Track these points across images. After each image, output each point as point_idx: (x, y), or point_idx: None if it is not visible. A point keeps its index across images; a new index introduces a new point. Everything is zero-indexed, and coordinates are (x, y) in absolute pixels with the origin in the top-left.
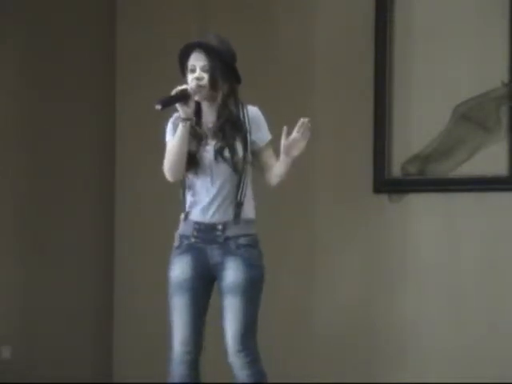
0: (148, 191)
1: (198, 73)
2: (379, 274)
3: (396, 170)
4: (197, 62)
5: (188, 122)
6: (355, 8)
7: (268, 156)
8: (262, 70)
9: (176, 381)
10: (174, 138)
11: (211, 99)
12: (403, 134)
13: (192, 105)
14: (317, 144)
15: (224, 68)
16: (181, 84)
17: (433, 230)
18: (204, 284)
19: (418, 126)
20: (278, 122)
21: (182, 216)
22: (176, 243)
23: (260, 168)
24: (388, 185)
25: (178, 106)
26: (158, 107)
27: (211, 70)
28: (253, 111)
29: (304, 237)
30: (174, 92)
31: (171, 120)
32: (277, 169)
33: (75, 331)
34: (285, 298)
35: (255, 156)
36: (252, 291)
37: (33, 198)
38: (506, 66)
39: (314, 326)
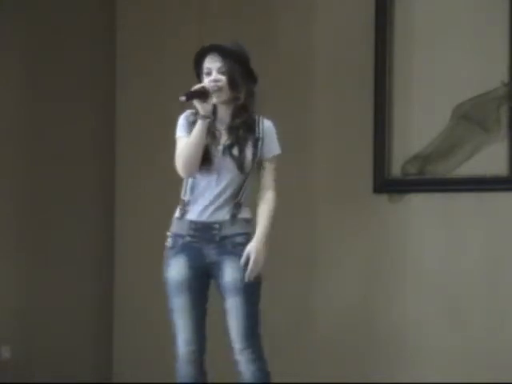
0: (148, 191)
1: (214, 75)
2: (379, 274)
3: (396, 170)
4: (212, 64)
5: (207, 120)
6: (355, 8)
7: (267, 171)
8: (262, 70)
9: (184, 381)
10: (191, 134)
11: (228, 101)
12: (403, 134)
13: (211, 102)
14: (317, 144)
15: (240, 69)
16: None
17: (433, 230)
18: (201, 283)
19: (418, 126)
20: (278, 123)
21: (177, 214)
22: (170, 243)
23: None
24: (388, 185)
25: (197, 103)
26: (183, 99)
27: (229, 71)
28: (268, 124)
29: (304, 237)
30: (193, 88)
31: (183, 116)
32: (259, 214)
33: (75, 331)
34: (285, 297)
35: (259, 165)
36: (252, 289)
37: (33, 198)
38: (506, 66)
39: (314, 325)
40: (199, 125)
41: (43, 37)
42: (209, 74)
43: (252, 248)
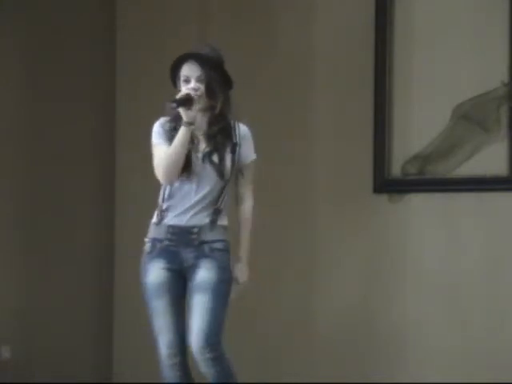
0: (148, 191)
1: (193, 83)
2: (379, 274)
3: (396, 170)
4: (191, 72)
5: (191, 126)
6: (355, 8)
7: (246, 176)
8: (262, 70)
9: (169, 382)
10: (174, 141)
11: (206, 109)
12: (403, 134)
13: (195, 109)
14: (317, 144)
15: (218, 77)
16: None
17: (433, 230)
18: (179, 286)
19: (418, 126)
20: (278, 123)
21: (155, 220)
22: (148, 248)
23: (236, 184)
24: (388, 185)
25: (181, 110)
26: (174, 106)
27: (207, 81)
28: (244, 129)
29: (304, 237)
30: (179, 96)
31: (158, 123)
32: (241, 224)
33: (75, 331)
34: (285, 297)
35: (237, 171)
36: (221, 291)
37: (33, 197)
38: (506, 66)
39: (315, 326)
40: (183, 131)
41: (43, 37)
42: (187, 81)
43: (241, 271)
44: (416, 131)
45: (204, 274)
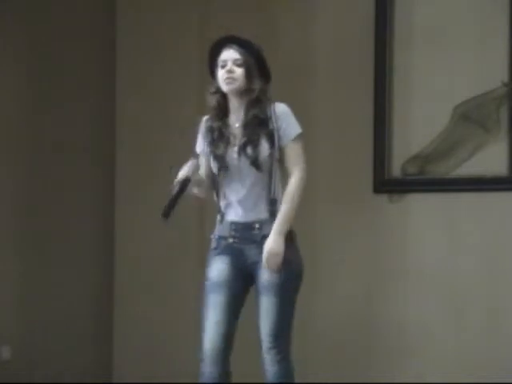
0: (148, 191)
1: (229, 65)
2: (379, 273)
3: (396, 170)
4: (228, 56)
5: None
6: (355, 8)
7: (291, 153)
8: None
9: (208, 380)
10: None
11: (241, 95)
12: (403, 134)
13: (204, 184)
14: (317, 144)
15: (255, 63)
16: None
17: (433, 230)
18: (241, 285)
19: (418, 126)
20: None
21: (218, 217)
22: (213, 245)
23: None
24: (388, 185)
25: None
26: (164, 219)
27: (246, 64)
28: (280, 108)
29: (304, 237)
30: (174, 189)
31: (200, 127)
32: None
33: (75, 331)
34: None
35: (281, 152)
36: (288, 290)
37: (33, 197)
38: (506, 66)
39: (314, 325)
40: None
41: (43, 37)
42: (224, 66)
43: (269, 240)
44: (416, 131)
45: (268, 273)
